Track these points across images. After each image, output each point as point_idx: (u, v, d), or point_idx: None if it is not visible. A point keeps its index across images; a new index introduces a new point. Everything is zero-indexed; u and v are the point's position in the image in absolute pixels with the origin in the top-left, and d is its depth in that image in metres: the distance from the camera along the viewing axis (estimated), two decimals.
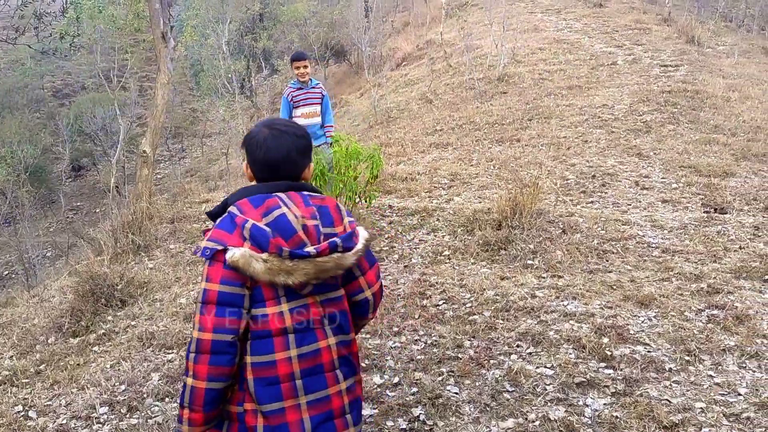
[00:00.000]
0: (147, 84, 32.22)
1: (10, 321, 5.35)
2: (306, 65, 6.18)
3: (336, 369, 1.98)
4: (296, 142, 2.02)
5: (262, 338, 1.89)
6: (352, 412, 2.02)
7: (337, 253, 1.88)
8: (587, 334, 3.66)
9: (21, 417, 3.52)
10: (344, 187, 5.61)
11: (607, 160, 7.30)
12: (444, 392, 3.21)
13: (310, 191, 2.02)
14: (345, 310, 2.03)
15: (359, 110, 15.76)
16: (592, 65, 12.26)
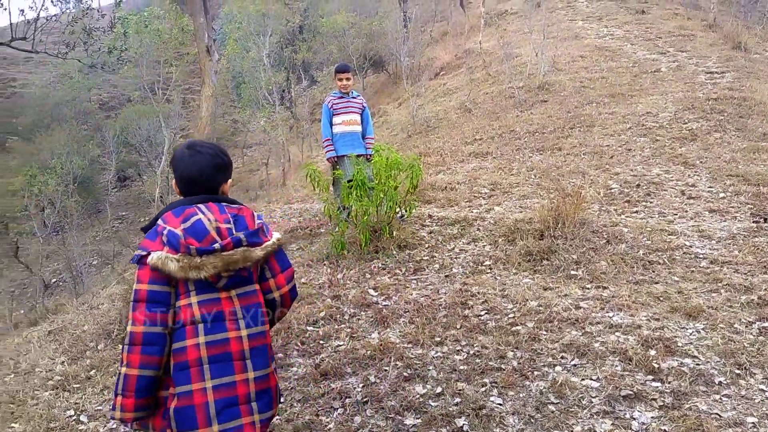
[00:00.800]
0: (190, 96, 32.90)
1: (61, 327, 5.51)
2: (349, 77, 6.30)
3: (246, 359, 2.18)
4: (211, 160, 2.33)
5: (178, 328, 2.14)
6: (259, 400, 2.21)
7: (243, 247, 2.16)
8: (634, 346, 3.60)
9: (73, 421, 3.61)
10: (384, 197, 5.63)
11: (652, 169, 7.17)
12: (487, 403, 3.18)
13: (230, 203, 2.30)
14: (260, 303, 2.25)
15: (397, 120, 15.81)
16: (635, 73, 12.08)
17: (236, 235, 2.18)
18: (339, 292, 4.88)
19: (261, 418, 2.22)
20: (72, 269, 17.27)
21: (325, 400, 3.44)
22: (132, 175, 27.03)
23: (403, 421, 3.14)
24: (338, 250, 5.64)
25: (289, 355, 4.01)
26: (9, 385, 4.27)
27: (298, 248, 6.20)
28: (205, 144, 2.43)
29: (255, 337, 2.20)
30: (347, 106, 6.27)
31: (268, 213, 7.82)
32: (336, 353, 3.94)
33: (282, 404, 3.46)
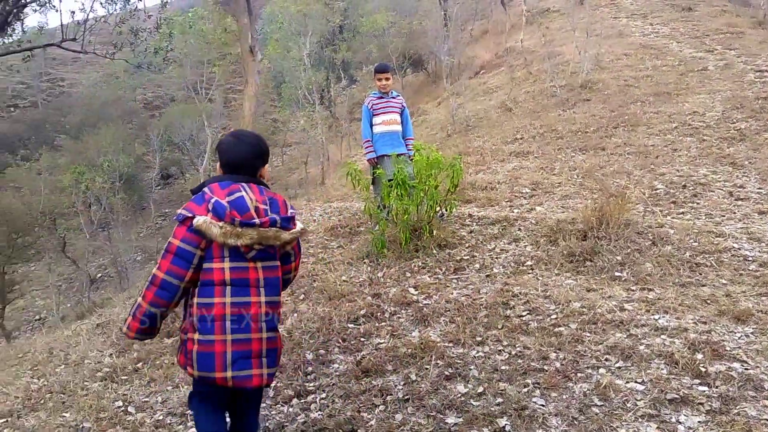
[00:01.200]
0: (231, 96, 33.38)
1: (108, 321, 5.67)
2: (389, 77, 6.31)
3: (262, 321, 2.61)
4: (252, 148, 2.73)
5: (206, 286, 2.54)
6: (267, 357, 2.64)
7: (276, 227, 2.58)
8: (680, 349, 3.53)
9: (121, 412, 3.71)
10: (425, 196, 5.63)
11: (699, 170, 7.01)
12: (530, 404, 3.16)
13: (266, 187, 2.71)
14: (278, 277, 2.69)
15: (437, 119, 15.77)
16: (681, 71, 11.82)
17: (272, 216, 2.58)
18: (379, 290, 4.90)
19: (268, 372, 2.64)
20: (117, 264, 17.74)
21: (367, 396, 3.46)
22: (175, 173, 27.60)
23: (445, 420, 3.14)
24: (378, 249, 5.66)
25: (330, 352, 4.05)
26: (60, 375, 4.41)
27: (338, 246, 6.24)
28: (247, 133, 2.88)
29: (270, 304, 2.65)
30: (387, 106, 6.28)
31: (308, 211, 7.90)
32: (377, 351, 3.96)
33: (324, 400, 3.50)
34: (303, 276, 5.43)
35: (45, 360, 4.84)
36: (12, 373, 4.70)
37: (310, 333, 4.33)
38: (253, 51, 8.03)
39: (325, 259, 5.90)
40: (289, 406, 3.50)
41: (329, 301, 4.81)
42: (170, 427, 3.50)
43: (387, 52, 23.57)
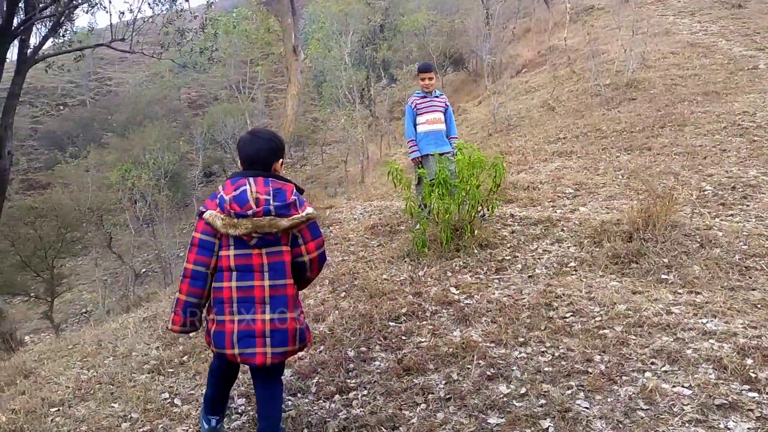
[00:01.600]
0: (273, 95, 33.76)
1: (155, 314, 5.79)
2: (431, 77, 6.32)
3: (266, 303, 2.83)
4: (267, 144, 2.99)
5: (218, 272, 2.86)
6: (272, 337, 2.83)
7: (270, 216, 2.77)
8: (729, 354, 3.44)
9: (168, 403, 3.80)
10: (466, 196, 5.61)
11: (749, 171, 6.81)
12: (574, 406, 3.13)
13: (278, 179, 2.90)
14: (284, 261, 2.87)
15: (477, 118, 15.68)
16: (731, 70, 11.50)
17: (266, 206, 2.78)
18: (420, 289, 4.91)
19: (273, 351, 2.85)
20: (161, 260, 18.11)
21: (408, 395, 3.47)
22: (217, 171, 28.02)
23: (487, 420, 3.13)
24: (419, 248, 5.66)
25: (371, 349, 4.07)
26: (109, 367, 4.53)
27: (378, 245, 6.26)
28: (263, 131, 3.16)
29: (275, 287, 2.85)
30: (430, 105, 6.28)
31: (348, 210, 7.94)
32: (418, 349, 3.96)
33: (365, 396, 3.52)
34: (344, 274, 5.47)
35: (94, 352, 4.97)
36: (63, 364, 4.84)
37: (352, 330, 4.36)
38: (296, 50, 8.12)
39: (365, 257, 5.93)
40: (330, 402, 3.54)
41: (370, 299, 4.83)
42: None
43: (427, 50, 23.53)
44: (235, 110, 24.13)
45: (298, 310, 2.94)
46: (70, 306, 18.88)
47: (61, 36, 10.46)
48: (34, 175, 29.59)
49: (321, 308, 4.81)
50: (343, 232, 6.85)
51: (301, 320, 2.97)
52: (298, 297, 2.98)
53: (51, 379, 4.47)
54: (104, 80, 41.18)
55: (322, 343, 4.24)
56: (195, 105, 35.79)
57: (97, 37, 14.90)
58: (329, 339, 4.27)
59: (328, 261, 5.98)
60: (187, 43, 10.98)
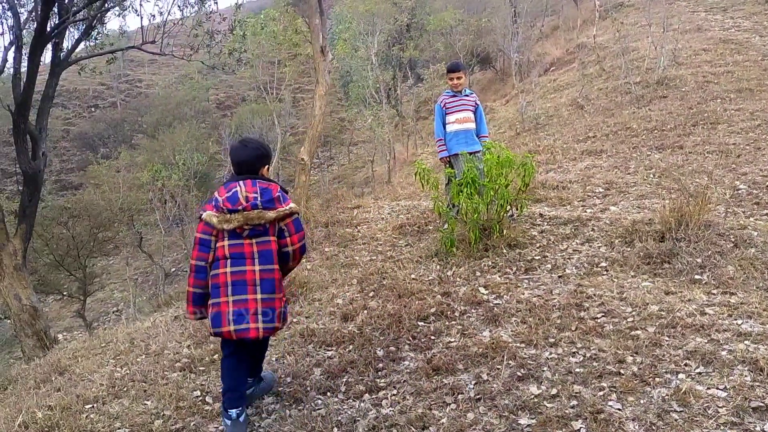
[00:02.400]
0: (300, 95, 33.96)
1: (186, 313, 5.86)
2: (460, 76, 6.28)
3: (257, 285, 3.27)
4: (253, 152, 3.45)
5: (216, 261, 3.31)
6: (263, 314, 3.27)
7: (258, 209, 3.25)
8: (765, 355, 3.37)
9: (199, 401, 3.84)
10: (495, 195, 5.57)
11: None
12: (606, 407, 3.09)
13: (264, 180, 3.40)
14: (271, 250, 3.32)
15: (505, 117, 15.60)
16: (765, 66, 11.27)
17: (254, 201, 3.25)
18: (449, 289, 4.89)
19: (264, 326, 3.28)
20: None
21: (438, 394, 3.46)
22: None
23: (518, 421, 3.11)
24: (447, 248, 5.64)
25: (400, 349, 4.07)
26: (141, 365, 4.59)
27: (406, 245, 6.26)
28: (252, 140, 3.62)
29: (265, 271, 3.29)
30: (460, 104, 6.26)
31: (376, 209, 7.95)
32: (447, 349, 3.95)
33: (395, 396, 3.52)
34: (372, 273, 5.47)
35: (127, 350, 5.05)
36: (96, 362, 4.92)
37: (381, 330, 4.36)
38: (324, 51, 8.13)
39: (393, 257, 5.93)
40: (360, 401, 3.54)
41: (399, 298, 4.83)
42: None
43: (454, 49, 23.46)
44: (262, 111, 24.35)
45: (281, 292, 3.40)
46: (102, 305, 19.22)
47: (93, 39, 10.63)
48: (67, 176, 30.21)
49: (350, 308, 4.82)
50: (371, 232, 6.86)
51: (284, 302, 3.42)
52: (282, 281, 3.43)
53: (85, 377, 4.55)
54: (134, 82, 41.83)
55: (351, 343, 4.25)
56: (223, 106, 36.18)
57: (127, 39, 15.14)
58: (358, 338, 4.27)
59: (357, 260, 6.00)
60: (216, 45, 11.08)
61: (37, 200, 8.87)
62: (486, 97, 21.69)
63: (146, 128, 29.34)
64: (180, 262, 20.76)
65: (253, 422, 3.52)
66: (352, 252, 6.39)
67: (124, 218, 19.08)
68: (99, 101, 38.52)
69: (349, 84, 25.73)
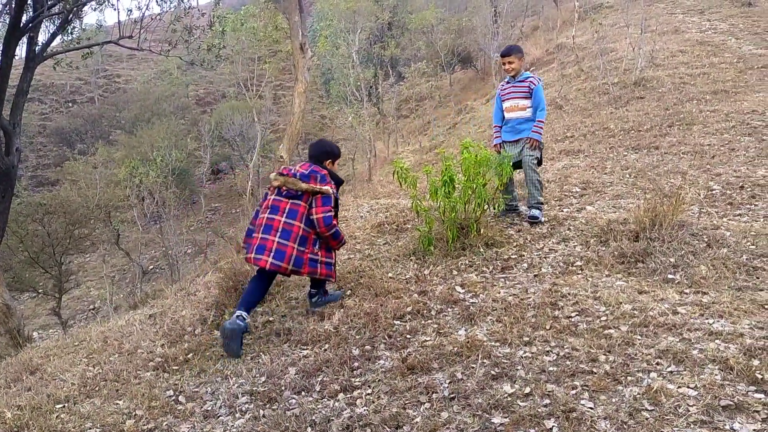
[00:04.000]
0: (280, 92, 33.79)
1: (161, 312, 5.81)
2: (511, 60, 6.08)
3: (278, 231, 4.39)
4: (320, 148, 4.81)
5: (262, 210, 4.56)
6: (275, 252, 4.33)
7: (295, 178, 4.47)
8: (735, 355, 3.42)
9: (172, 401, 3.81)
10: (473, 194, 5.59)
11: (758, 170, 6.77)
12: (578, 406, 3.11)
13: (319, 165, 4.65)
14: (298, 211, 4.43)
15: (485, 116, 15.65)
16: (740, 68, 11.43)
17: (296, 174, 4.51)
18: (425, 287, 4.90)
19: (272, 261, 4.32)
20: (168, 257, 18.17)
21: (412, 394, 3.46)
22: (225, 168, 28.09)
23: (491, 420, 3.12)
24: (425, 246, 5.65)
25: (376, 348, 4.07)
26: (114, 364, 4.55)
27: (384, 243, 6.25)
28: (326, 141, 5.08)
29: (287, 224, 4.39)
30: (512, 92, 6.16)
31: (355, 208, 7.94)
32: (423, 348, 3.96)
33: (369, 395, 3.51)
34: (350, 272, 5.46)
35: (100, 349, 5.00)
36: (68, 361, 4.87)
37: (357, 329, 4.36)
38: (303, 48, 8.09)
39: (371, 255, 5.93)
40: (335, 400, 3.54)
41: (375, 297, 4.83)
42: (219, 417, 3.58)
43: (435, 48, 23.50)
44: (242, 107, 24.18)
45: (303, 246, 4.40)
46: (78, 302, 18.98)
47: (69, 33, 10.49)
48: (43, 172, 29.77)
49: (326, 307, 4.81)
50: (350, 230, 6.85)
51: (305, 254, 4.40)
52: (306, 237, 4.41)
53: (57, 376, 4.50)
54: (113, 77, 41.33)
55: (327, 342, 4.24)
56: (203, 102, 35.89)
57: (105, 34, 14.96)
58: (334, 337, 4.27)
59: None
60: (195, 41, 10.99)
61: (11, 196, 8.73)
62: (467, 95, 21.77)
63: (124, 124, 29.01)
64: (158, 259, 20.58)
65: (226, 422, 3.50)
66: None
67: (101, 215, 18.86)
68: (76, 96, 37.99)
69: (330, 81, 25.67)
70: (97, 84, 39.04)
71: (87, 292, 19.41)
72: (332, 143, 4.93)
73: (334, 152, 4.77)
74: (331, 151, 4.76)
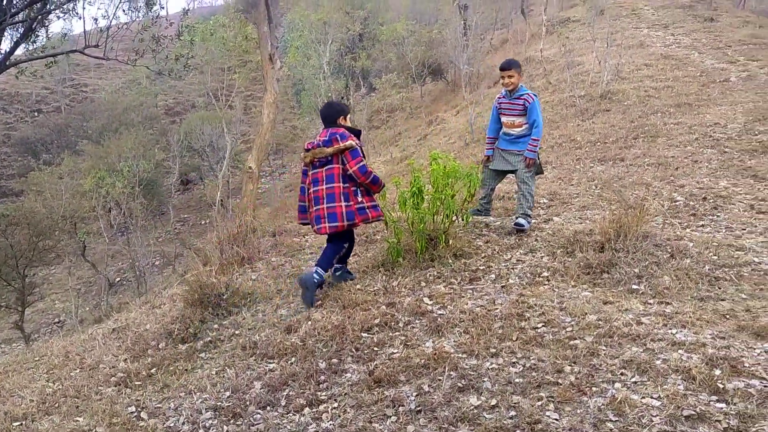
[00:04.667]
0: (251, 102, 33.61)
1: (125, 326, 5.71)
2: (512, 74, 5.99)
3: (323, 198, 4.92)
4: (329, 109, 5.22)
5: (310, 184, 5.04)
6: (329, 217, 4.91)
7: (320, 147, 4.91)
8: (697, 364, 3.46)
9: (134, 417, 3.73)
10: (441, 205, 5.60)
11: (720, 182, 6.92)
12: (543, 418, 3.12)
13: (336, 127, 5.03)
14: (333, 174, 4.92)
15: (455, 128, 15.76)
16: (703, 82, 11.70)
17: (318, 142, 4.95)
18: (394, 299, 4.88)
19: (329, 225, 4.91)
20: (135, 269, 17.86)
21: (379, 407, 3.44)
22: (194, 179, 27.79)
23: None
24: (394, 258, 5.64)
25: (343, 361, 4.04)
26: (75, 379, 4.44)
27: (353, 254, 6.22)
28: (332, 102, 5.65)
29: (329, 188, 4.90)
30: (508, 107, 6.12)
31: None
32: (390, 361, 3.94)
33: (335, 409, 3.48)
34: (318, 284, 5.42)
35: (61, 364, 4.88)
36: (28, 376, 4.74)
37: (324, 341, 4.32)
38: (272, 59, 8.06)
39: None
40: (300, 415, 3.49)
41: (343, 309, 4.80)
42: None
43: (406, 60, 23.62)
44: (212, 118, 23.98)
45: (346, 201, 4.89)
46: (43, 315, 18.53)
47: (33, 42, 10.31)
48: (7, 183, 29.12)
49: (293, 319, 4.76)
50: (319, 242, 6.81)
51: (352, 206, 4.92)
52: (348, 193, 4.91)
53: (15, 392, 4.37)
54: (80, 87, 40.69)
55: (294, 355, 4.20)
56: (172, 112, 35.51)
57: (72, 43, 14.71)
58: (301, 350, 4.22)
59: (304, 270, 5.94)
60: (163, 50, 10.88)
61: None
62: (437, 107, 21.90)
63: (91, 134, 28.51)
64: (125, 271, 20.22)
65: None
66: (299, 262, 6.33)
67: (67, 226, 18.47)
68: (42, 106, 37.29)
69: (302, 92, 25.62)
70: (64, 93, 38.38)
71: (52, 305, 18.97)
72: (339, 102, 5.75)
73: (343, 109, 5.23)
74: (340, 109, 5.21)
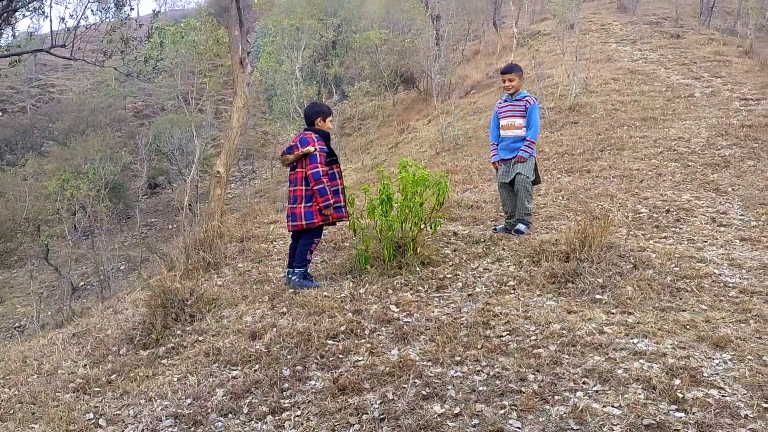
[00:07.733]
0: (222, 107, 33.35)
1: (85, 331, 5.58)
2: (512, 78, 6.22)
3: (290, 199, 5.30)
4: (308, 109, 5.49)
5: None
6: (291, 217, 5.31)
7: (284, 155, 5.34)
8: (658, 374, 3.52)
9: (92, 425, 3.64)
10: (410, 213, 5.61)
11: (683, 195, 7.07)
12: (506, 426, 3.13)
13: (312, 131, 5.34)
14: (297, 177, 5.24)
15: (426, 137, 15.83)
16: (668, 97, 11.96)
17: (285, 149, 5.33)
18: (360, 306, 4.87)
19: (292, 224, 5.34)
20: (100, 273, 17.53)
21: (342, 415, 3.41)
22: (162, 183, 27.44)
23: None
24: (362, 265, 5.63)
25: (308, 368, 4.01)
26: (32, 385, 4.33)
27: (321, 261, 6.20)
28: (314, 103, 5.96)
29: (294, 190, 5.26)
30: (507, 110, 6.28)
31: None
32: (355, 368, 3.92)
33: (298, 417, 3.45)
34: (284, 290, 5.38)
35: (18, 369, 4.75)
36: None
37: (288, 348, 4.28)
38: (243, 63, 8.03)
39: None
40: (263, 423, 3.45)
41: (309, 316, 4.76)
42: None
43: (379, 68, 23.69)
44: (182, 121, 23.70)
45: (304, 203, 5.19)
46: (3, 320, 18.05)
47: None
48: None
49: (258, 325, 4.71)
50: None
51: (312, 207, 5.19)
52: (310, 194, 5.18)
53: None
54: (47, 87, 39.91)
55: (258, 362, 4.15)
56: (141, 115, 35.03)
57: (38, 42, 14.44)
58: (265, 357, 4.18)
59: (270, 276, 5.89)
60: (132, 52, 10.73)
61: None
62: (409, 116, 21.99)
63: (57, 135, 27.97)
64: (89, 276, 19.84)
65: None
66: (266, 268, 6.27)
67: (30, 229, 18.08)
68: (7, 105, 36.46)
69: (273, 98, 25.50)
70: (30, 93, 37.59)
71: (12, 310, 18.49)
72: (321, 104, 5.80)
73: (323, 110, 5.45)
74: (320, 110, 5.42)
